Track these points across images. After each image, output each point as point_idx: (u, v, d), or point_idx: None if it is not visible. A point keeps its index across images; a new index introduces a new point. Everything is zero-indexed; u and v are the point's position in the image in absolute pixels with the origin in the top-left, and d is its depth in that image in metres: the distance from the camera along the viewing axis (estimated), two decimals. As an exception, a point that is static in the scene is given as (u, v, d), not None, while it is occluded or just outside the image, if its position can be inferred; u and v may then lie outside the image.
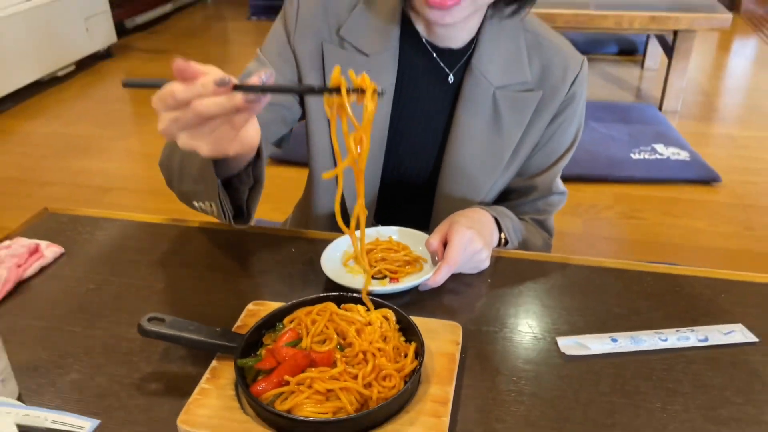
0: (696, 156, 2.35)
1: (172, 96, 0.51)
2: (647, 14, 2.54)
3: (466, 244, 0.74)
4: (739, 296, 0.74)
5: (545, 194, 0.93)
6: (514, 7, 0.79)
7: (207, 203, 0.71)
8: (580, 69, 0.87)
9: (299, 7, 0.84)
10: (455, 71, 0.86)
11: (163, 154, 0.80)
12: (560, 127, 0.89)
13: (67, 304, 0.73)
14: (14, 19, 2.84)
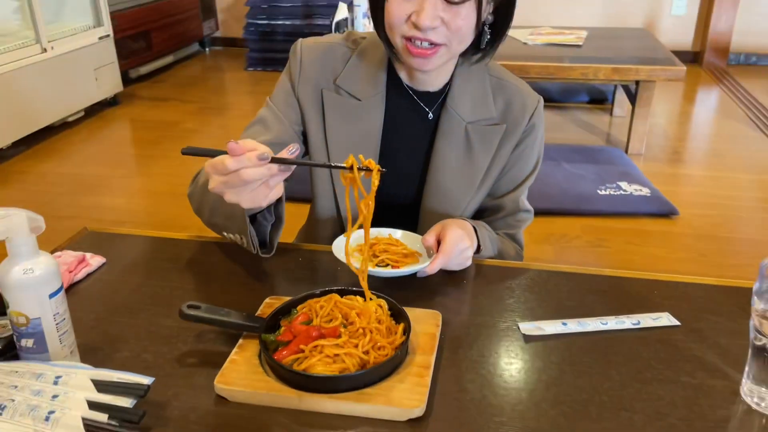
0: (656, 192, 2.49)
1: (224, 166, 0.67)
2: (610, 66, 2.74)
3: (458, 241, 0.85)
4: (667, 292, 0.87)
5: (513, 212, 1.05)
6: (480, 55, 0.95)
7: (237, 236, 0.86)
8: (537, 105, 1.01)
9: (302, 63, 0.99)
10: (433, 109, 0.99)
11: (194, 189, 0.94)
12: (522, 154, 1.01)
13: (112, 301, 0.85)
14: (31, 69, 3.00)
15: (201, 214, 0.94)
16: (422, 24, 0.84)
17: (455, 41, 0.87)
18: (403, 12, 0.85)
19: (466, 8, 0.84)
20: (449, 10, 0.84)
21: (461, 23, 0.85)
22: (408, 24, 0.86)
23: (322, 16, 4.25)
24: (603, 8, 4.56)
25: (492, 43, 0.93)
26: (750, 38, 4.50)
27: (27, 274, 0.69)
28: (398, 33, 0.88)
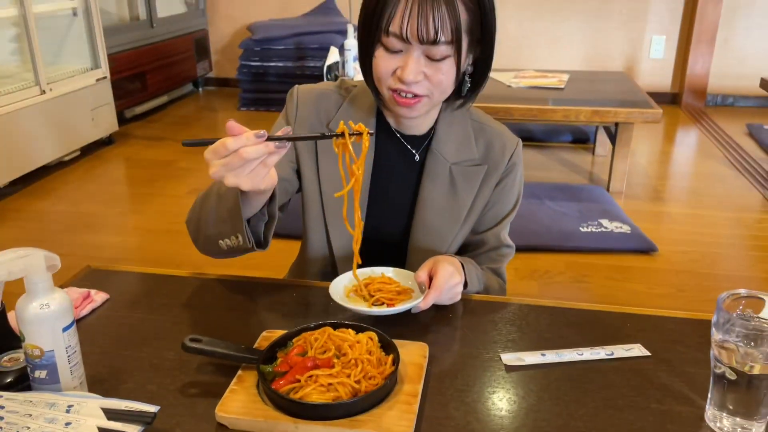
0: (636, 229, 2.55)
1: (224, 146, 0.73)
2: (591, 109, 2.83)
3: (448, 277, 0.90)
4: (639, 325, 0.92)
5: (496, 246, 1.10)
6: (461, 101, 1.03)
7: (233, 238, 0.89)
8: (516, 146, 1.07)
9: (298, 106, 1.06)
10: (420, 151, 1.06)
11: (191, 214, 1.00)
12: (503, 191, 1.08)
13: (116, 335, 0.89)
14: (30, 110, 3.05)
15: (198, 233, 0.97)
16: (406, 79, 0.91)
17: (437, 92, 0.95)
18: (390, 67, 0.93)
19: (447, 64, 0.92)
20: (431, 66, 0.91)
21: (442, 77, 0.92)
22: (394, 78, 0.93)
23: (313, 59, 4.37)
24: (584, 52, 4.73)
25: (472, 91, 1.01)
26: (726, 81, 4.67)
27: (43, 309, 0.74)
28: (385, 85, 0.95)
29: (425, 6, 0.86)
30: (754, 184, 3.16)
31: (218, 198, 0.90)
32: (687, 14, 4.53)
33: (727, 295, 0.76)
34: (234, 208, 0.86)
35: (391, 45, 0.91)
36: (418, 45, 0.90)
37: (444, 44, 0.89)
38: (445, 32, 0.88)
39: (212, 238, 0.94)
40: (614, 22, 4.62)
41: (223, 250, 0.94)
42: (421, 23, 0.87)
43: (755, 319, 0.75)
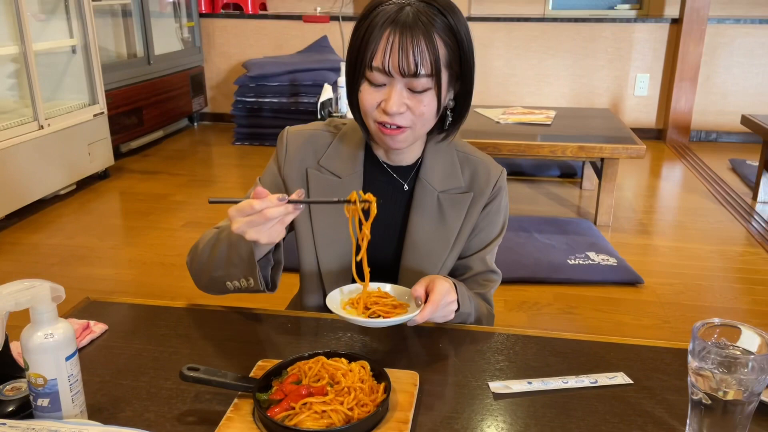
0: (623, 262, 2.58)
1: (251, 207, 0.84)
2: (577, 144, 2.89)
3: (445, 294, 0.92)
4: (622, 354, 0.95)
5: (482, 271, 1.13)
6: (444, 135, 1.08)
7: (243, 281, 0.97)
8: (500, 174, 1.12)
9: (287, 148, 1.11)
10: (408, 181, 1.10)
11: (194, 254, 1.05)
12: (489, 216, 1.11)
13: (115, 365, 0.91)
14: (28, 145, 3.08)
15: (203, 274, 1.03)
16: (390, 110, 0.96)
17: (419, 124, 1.00)
18: (374, 100, 0.98)
19: (428, 96, 0.97)
20: (413, 98, 0.97)
21: (424, 109, 0.97)
22: (378, 110, 0.98)
23: (307, 95, 4.45)
24: (571, 90, 4.85)
25: (454, 124, 1.07)
26: (708, 117, 4.79)
27: (47, 338, 0.77)
28: (371, 118, 1.00)
29: (405, 41, 0.92)
30: (737, 218, 3.23)
31: (229, 246, 0.98)
32: (670, 53, 4.68)
33: (701, 324, 0.80)
34: (247, 256, 0.95)
35: (375, 79, 0.96)
36: (400, 78, 0.95)
37: (424, 77, 0.94)
38: (425, 65, 0.93)
39: (219, 279, 1.01)
40: (600, 60, 4.75)
41: (229, 290, 1.01)
42: (402, 57, 0.93)
43: (729, 347, 0.79)
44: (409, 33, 0.92)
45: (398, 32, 0.92)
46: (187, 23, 5.04)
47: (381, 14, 0.94)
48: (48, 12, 3.57)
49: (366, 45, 0.95)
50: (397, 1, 0.95)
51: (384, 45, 0.93)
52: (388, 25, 0.93)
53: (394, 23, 0.93)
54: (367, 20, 0.96)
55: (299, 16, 5.03)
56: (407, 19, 0.93)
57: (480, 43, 4.80)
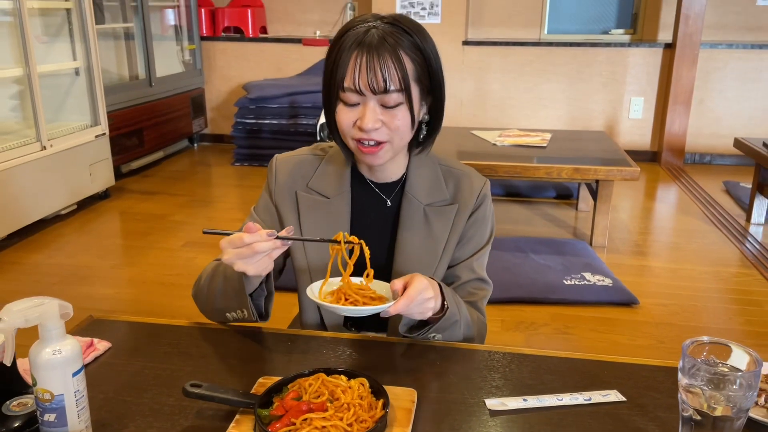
0: (618, 282, 2.60)
1: (241, 240, 0.90)
2: (572, 166, 2.92)
3: (422, 289, 0.94)
4: (616, 372, 0.96)
5: (470, 279, 1.15)
6: (420, 148, 1.13)
7: (239, 312, 1.04)
8: (483, 185, 1.16)
9: (277, 175, 1.17)
10: (393, 197, 1.14)
11: (198, 288, 1.12)
12: (474, 225, 1.15)
13: (119, 382, 0.93)
14: (30, 166, 3.11)
15: (206, 305, 1.10)
16: (365, 126, 1.01)
17: (396, 138, 1.04)
18: (350, 119, 1.03)
19: (401, 110, 1.02)
20: (386, 113, 1.02)
21: (398, 123, 1.02)
22: (355, 128, 1.03)
23: (306, 117, 4.50)
24: (566, 112, 4.92)
25: (428, 137, 1.12)
26: (702, 140, 4.85)
27: (56, 354, 0.79)
28: (349, 136, 1.05)
29: (373, 60, 0.97)
30: (731, 240, 3.26)
31: (224, 279, 1.04)
32: (663, 77, 4.75)
33: (691, 342, 0.82)
34: (239, 288, 1.01)
35: (349, 99, 1.01)
36: (371, 95, 1.00)
37: (395, 92, 0.99)
38: (394, 81, 0.99)
39: (220, 311, 1.07)
40: (594, 84, 4.82)
41: (230, 320, 1.08)
42: (371, 75, 0.98)
43: (719, 364, 0.82)
44: (376, 52, 0.97)
45: (365, 52, 0.98)
46: (189, 46, 5.12)
47: (349, 38, 1.00)
48: (52, 35, 3.64)
49: (337, 68, 1.00)
50: (365, 25, 1.00)
51: (353, 65, 0.98)
52: (355, 47, 0.98)
53: (361, 45, 0.98)
54: (337, 45, 1.01)
55: (299, 40, 5.11)
56: (373, 40, 0.98)
57: (476, 67, 4.88)
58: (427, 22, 4.73)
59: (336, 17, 5.26)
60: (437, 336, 1.06)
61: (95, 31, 3.64)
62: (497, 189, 4.00)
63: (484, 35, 5.07)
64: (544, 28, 5.06)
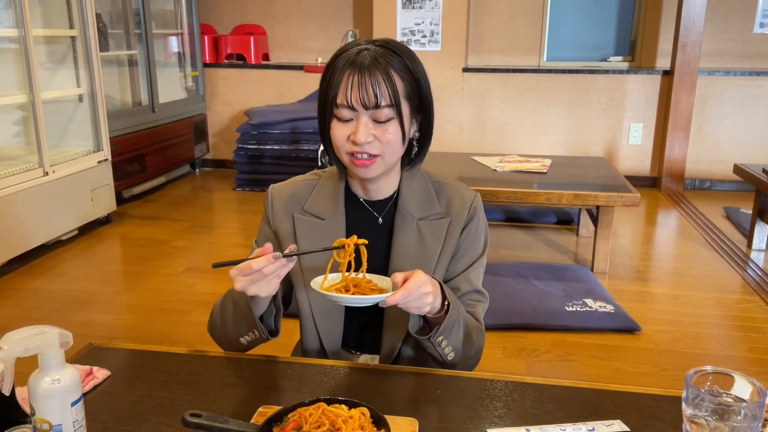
0: (620, 309, 2.59)
1: (249, 267, 0.94)
2: (572, 192, 2.93)
3: (421, 284, 0.96)
4: (619, 401, 0.96)
5: (468, 291, 1.16)
6: (410, 165, 1.17)
7: (251, 334, 1.07)
8: (474, 198, 1.18)
9: (273, 204, 1.20)
10: (386, 213, 1.17)
11: (212, 323, 1.16)
12: (468, 237, 1.16)
13: (118, 411, 0.92)
14: (33, 191, 3.12)
15: (222, 337, 1.14)
16: (358, 140, 1.05)
17: (388, 152, 1.08)
18: (344, 134, 1.07)
19: (392, 125, 1.06)
20: (378, 128, 1.06)
21: (390, 137, 1.06)
22: (348, 142, 1.07)
23: (308, 143, 4.54)
24: (566, 138, 4.95)
25: (419, 153, 1.16)
26: (702, 165, 4.88)
27: (55, 384, 0.79)
28: (343, 151, 1.09)
29: (364, 78, 1.03)
30: (732, 266, 3.26)
31: (234, 304, 1.09)
32: (662, 103, 4.80)
33: (694, 372, 0.82)
34: (247, 311, 1.06)
35: (342, 115, 1.06)
36: (363, 111, 1.04)
37: (386, 107, 1.04)
38: (385, 97, 1.03)
39: (234, 338, 1.11)
40: (594, 110, 4.87)
41: (244, 346, 1.11)
42: (363, 91, 1.03)
43: (722, 394, 0.81)
44: (367, 71, 1.03)
45: (357, 71, 1.03)
46: (192, 72, 5.18)
47: (342, 59, 1.05)
48: (56, 62, 3.68)
49: (331, 87, 1.05)
50: (357, 48, 1.06)
51: (346, 83, 1.04)
52: (347, 66, 1.04)
53: (353, 65, 1.04)
54: (331, 67, 1.07)
55: (301, 67, 5.18)
56: (365, 60, 1.04)
57: (477, 93, 4.93)
58: (428, 49, 4.79)
59: (337, 44, 5.33)
60: (445, 342, 1.06)
61: (99, 58, 3.70)
62: (498, 214, 4.01)
63: (484, 62, 5.14)
64: (544, 55, 5.13)
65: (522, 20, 5.04)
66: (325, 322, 1.17)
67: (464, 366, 1.13)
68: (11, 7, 3.07)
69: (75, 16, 3.57)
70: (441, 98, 4.89)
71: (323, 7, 5.27)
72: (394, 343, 1.16)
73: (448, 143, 4.99)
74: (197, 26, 5.13)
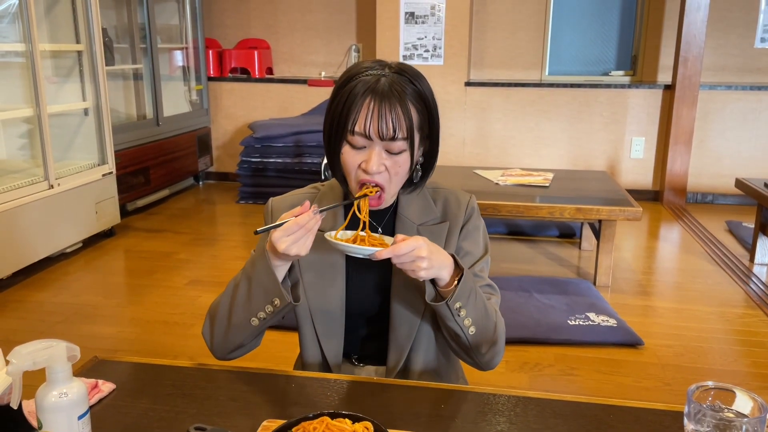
0: (622, 323, 2.59)
1: (297, 224, 0.97)
2: (574, 206, 2.94)
3: (415, 248, 0.96)
4: (621, 416, 0.96)
5: (480, 286, 1.13)
6: (411, 189, 1.17)
7: (267, 307, 1.07)
8: (470, 199, 1.20)
9: (272, 216, 1.20)
10: (385, 223, 1.18)
11: (213, 319, 1.14)
12: (468, 237, 1.17)
13: (123, 424, 0.93)
14: (37, 204, 3.14)
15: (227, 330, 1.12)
16: (371, 170, 1.06)
17: (395, 181, 1.10)
18: (356, 162, 1.08)
19: (403, 156, 1.08)
20: (390, 158, 1.07)
21: (399, 168, 1.08)
22: (359, 170, 1.08)
23: (311, 156, 4.56)
24: (568, 152, 4.97)
25: (422, 178, 1.17)
26: (704, 179, 4.88)
27: (62, 397, 0.80)
28: (353, 178, 1.10)
29: (384, 109, 1.03)
30: (735, 280, 3.25)
31: (248, 280, 1.08)
32: (664, 117, 4.82)
33: (696, 387, 0.83)
34: (268, 280, 1.06)
35: (356, 142, 1.06)
36: (379, 141, 1.05)
37: (401, 140, 1.05)
38: (401, 130, 1.04)
39: (242, 323, 1.09)
40: (596, 124, 4.89)
41: (253, 329, 1.09)
42: (382, 123, 1.03)
43: (724, 410, 0.82)
44: (387, 101, 1.03)
45: (377, 100, 1.03)
46: (196, 86, 5.22)
47: (360, 84, 1.04)
48: (63, 76, 3.72)
49: (348, 111, 1.05)
50: (374, 72, 1.06)
51: (365, 112, 1.03)
52: (368, 93, 1.03)
53: (373, 92, 1.03)
54: (346, 88, 1.06)
55: (304, 80, 5.22)
56: (384, 88, 1.03)
57: (479, 107, 4.96)
58: (431, 63, 4.83)
59: (341, 59, 5.37)
60: (464, 312, 1.05)
61: (105, 72, 3.73)
62: (500, 228, 4.02)
63: (486, 76, 5.17)
64: (545, 70, 5.16)
65: (524, 35, 5.08)
66: (326, 330, 1.17)
67: (487, 347, 1.10)
68: (19, 22, 3.11)
69: (81, 30, 3.61)
70: (444, 112, 4.92)
71: (327, 22, 5.32)
72: (401, 354, 1.16)
73: (450, 157, 5.01)
74: (202, 40, 5.18)
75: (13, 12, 3.16)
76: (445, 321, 1.07)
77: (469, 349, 1.10)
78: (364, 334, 1.20)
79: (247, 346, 1.15)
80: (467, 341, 1.08)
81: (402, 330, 1.16)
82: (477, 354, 1.11)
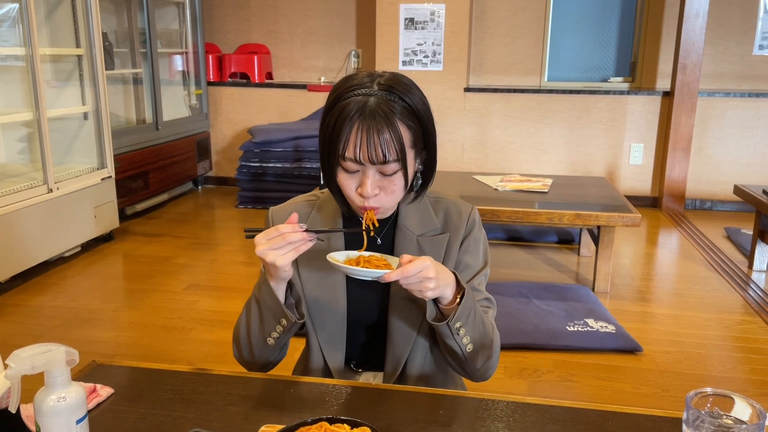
0: (621, 329, 2.59)
1: (278, 231, 0.98)
2: (573, 212, 2.95)
3: (423, 268, 0.96)
4: (620, 422, 0.95)
5: (478, 299, 1.13)
6: (412, 199, 1.17)
7: (278, 327, 1.10)
8: (471, 210, 1.19)
9: (273, 224, 1.18)
10: (385, 233, 1.17)
11: (237, 342, 1.16)
12: (468, 249, 1.17)
13: (121, 429, 0.93)
14: (36, 208, 3.14)
15: (250, 352, 1.15)
16: (366, 194, 1.06)
17: (393, 200, 1.10)
18: (352, 186, 1.08)
19: (397, 176, 1.07)
20: (384, 180, 1.07)
21: (395, 188, 1.08)
22: (357, 195, 1.08)
23: (310, 161, 4.57)
24: (567, 158, 4.98)
25: (423, 187, 1.17)
26: (702, 186, 4.90)
27: (60, 401, 0.80)
28: (353, 203, 1.10)
29: (372, 133, 1.01)
30: (734, 286, 3.26)
31: (257, 303, 1.11)
32: (663, 124, 4.83)
33: (694, 394, 0.83)
34: (272, 300, 1.08)
35: (349, 167, 1.05)
36: (370, 165, 1.04)
37: (393, 162, 1.03)
38: (392, 152, 1.03)
39: (261, 343, 1.13)
40: (595, 130, 4.90)
41: (271, 348, 1.13)
42: (371, 148, 1.02)
43: (723, 416, 0.82)
44: (375, 126, 1.01)
45: (365, 125, 1.01)
46: (196, 91, 5.23)
47: (347, 106, 1.02)
48: (63, 80, 3.73)
49: (337, 138, 1.03)
50: (362, 92, 1.03)
51: (354, 138, 1.02)
52: (356, 118, 1.01)
53: (361, 116, 1.01)
54: (335, 110, 1.04)
55: (304, 86, 5.23)
56: (372, 112, 1.01)
57: (478, 113, 4.97)
58: (430, 69, 4.84)
59: (340, 64, 5.39)
60: (463, 330, 1.05)
61: (105, 76, 3.74)
62: (499, 233, 4.02)
63: (485, 82, 5.18)
64: (545, 76, 5.17)
65: (523, 41, 5.10)
66: (329, 342, 1.18)
67: (482, 362, 1.11)
68: (19, 26, 3.12)
69: (82, 35, 3.62)
70: (443, 118, 4.93)
71: (326, 28, 5.34)
72: (398, 361, 1.17)
73: (449, 162, 5.02)
74: (202, 45, 5.19)
75: (13, 16, 3.16)
76: (444, 339, 1.07)
77: (464, 363, 1.11)
78: (363, 341, 1.20)
79: (274, 360, 1.18)
80: (463, 357, 1.09)
81: (399, 339, 1.16)
82: (472, 367, 1.11)
